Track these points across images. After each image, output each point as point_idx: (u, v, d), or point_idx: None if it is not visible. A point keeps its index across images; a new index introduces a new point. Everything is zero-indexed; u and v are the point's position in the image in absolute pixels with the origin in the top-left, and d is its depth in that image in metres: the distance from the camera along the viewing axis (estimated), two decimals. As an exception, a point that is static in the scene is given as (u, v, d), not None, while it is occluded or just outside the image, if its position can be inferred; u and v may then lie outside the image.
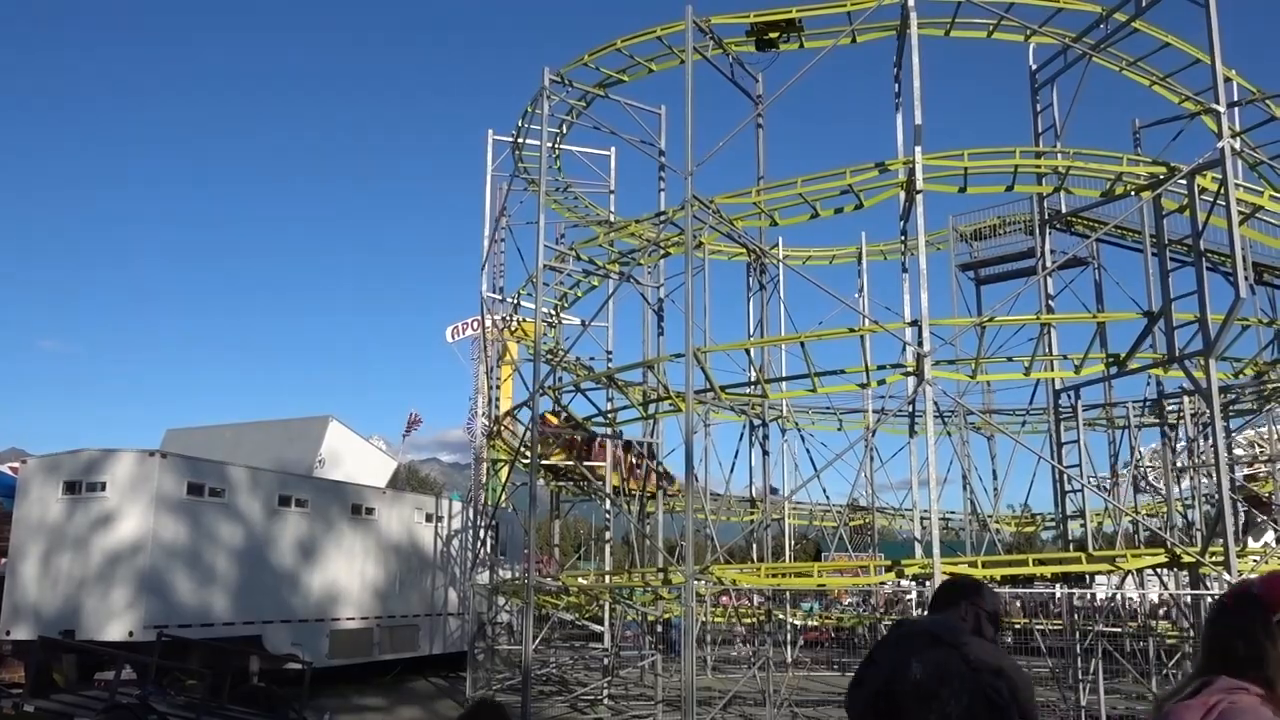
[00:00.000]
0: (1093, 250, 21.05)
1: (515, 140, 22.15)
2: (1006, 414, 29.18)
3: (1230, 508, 13.50)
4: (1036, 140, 17.97)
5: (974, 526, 26.85)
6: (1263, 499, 26.37)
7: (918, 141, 15.17)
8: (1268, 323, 19.14)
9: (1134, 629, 23.01)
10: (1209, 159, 14.08)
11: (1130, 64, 17.81)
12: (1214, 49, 14.19)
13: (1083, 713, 15.84)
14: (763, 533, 20.66)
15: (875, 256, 29.78)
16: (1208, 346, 13.58)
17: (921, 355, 14.40)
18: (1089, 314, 17.03)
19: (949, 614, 3.61)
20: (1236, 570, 12.79)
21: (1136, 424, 21.87)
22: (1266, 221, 15.51)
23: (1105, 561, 14.76)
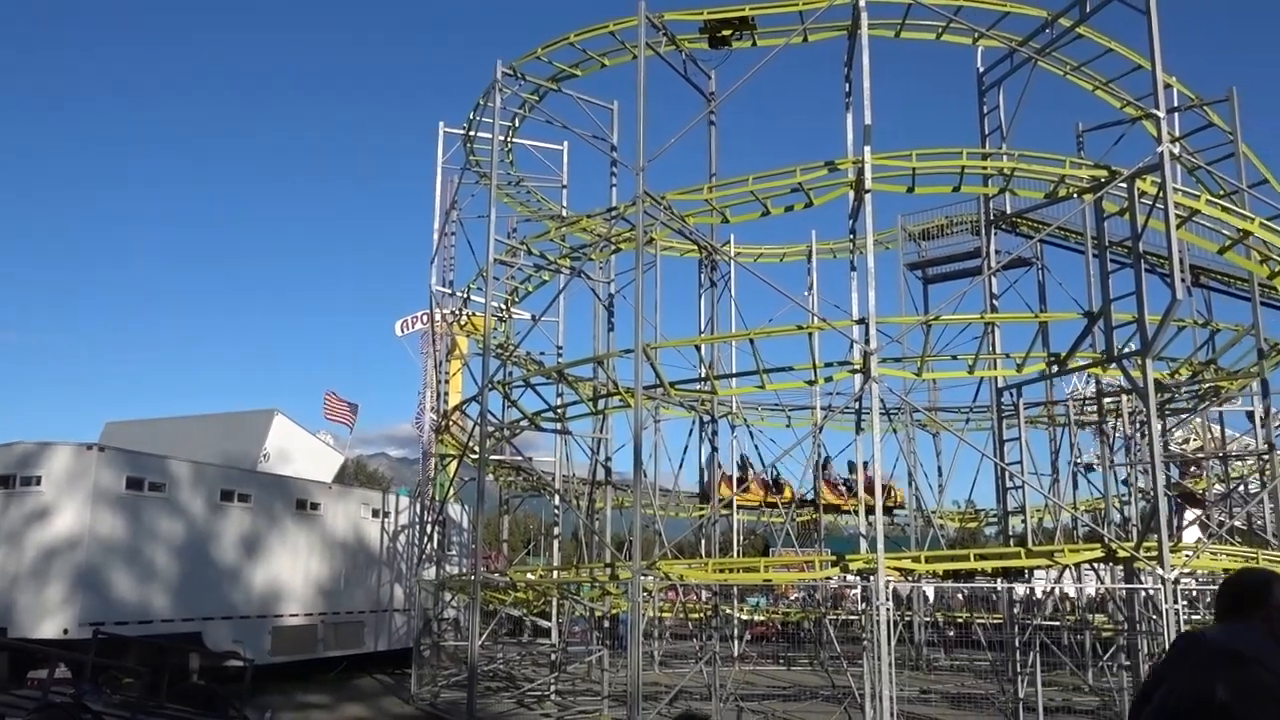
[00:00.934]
0: (1037, 251, 21.47)
1: (467, 133, 22.01)
2: (951, 411, 29.64)
3: (1164, 504, 13.83)
4: (983, 142, 18.24)
5: (919, 522, 27.25)
6: (1197, 495, 27.07)
7: (867, 141, 15.32)
8: (1203, 324, 19.63)
9: (1072, 622, 23.50)
10: (1148, 163, 14.39)
11: (1074, 69, 18.15)
12: (1154, 56, 14.51)
13: (1020, 704, 16.14)
14: (711, 528, 20.75)
15: (825, 255, 30.04)
16: (1145, 346, 13.89)
17: (868, 353, 14.55)
18: (1032, 314, 17.35)
19: (1243, 624, 3.38)
20: (1169, 564, 13.12)
21: (1076, 422, 22.36)
22: (1203, 225, 15.87)
23: (1044, 556, 15.05)
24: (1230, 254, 16.21)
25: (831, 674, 20.37)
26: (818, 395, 25.68)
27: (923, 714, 17.95)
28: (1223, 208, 15.91)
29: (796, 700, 20.36)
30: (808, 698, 20.44)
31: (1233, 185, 18.04)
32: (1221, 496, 23.27)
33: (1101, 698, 18.38)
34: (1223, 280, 20.85)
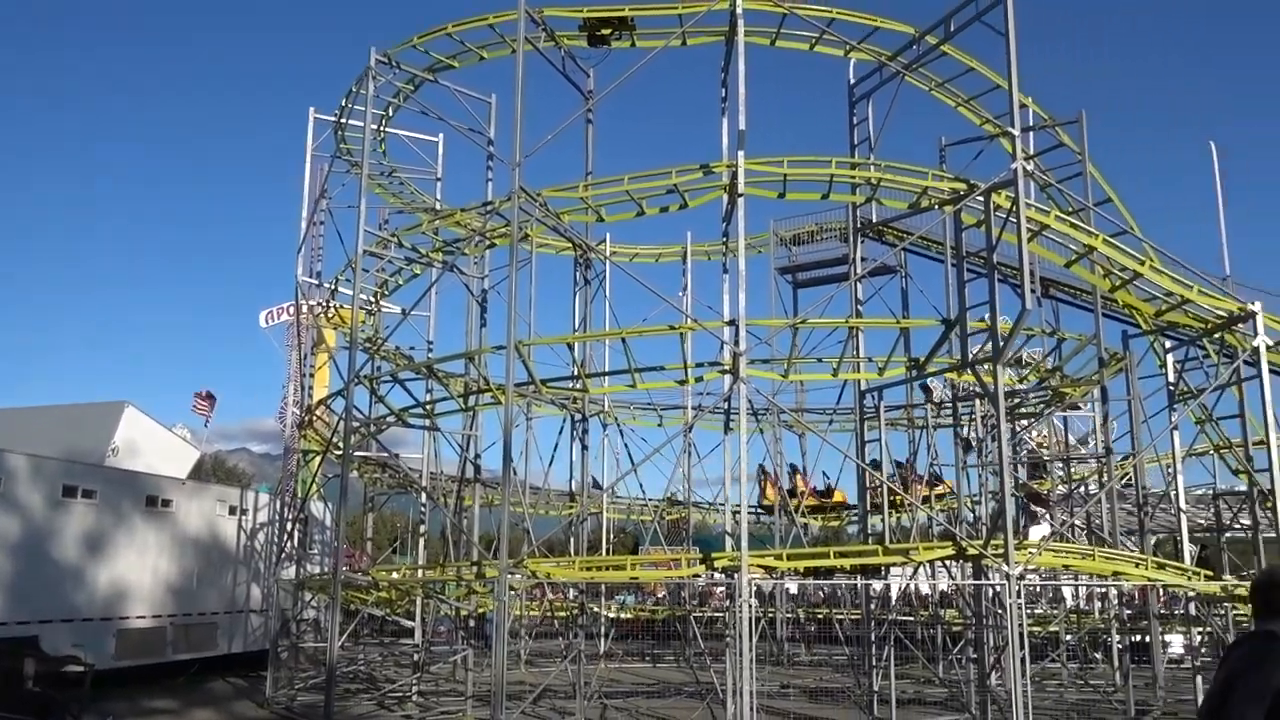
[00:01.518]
0: (901, 259, 22.23)
1: (338, 120, 21.40)
2: (817, 412, 30.44)
3: (1011, 504, 14.50)
4: (852, 152, 18.77)
5: (784, 520, 27.86)
6: (1043, 496, 28.51)
7: (741, 146, 15.58)
8: (1050, 333, 20.69)
9: (925, 617, 24.44)
10: (1004, 178, 15.06)
11: (939, 85, 18.87)
12: (1011, 77, 15.20)
13: (875, 697, 16.69)
14: (580, 526, 20.75)
15: (700, 257, 30.46)
16: (996, 353, 14.54)
17: (737, 354, 14.79)
18: (894, 319, 17.91)
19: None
20: (1014, 562, 13.77)
21: (933, 424, 23.25)
22: (1052, 240, 16.70)
23: (900, 554, 15.59)
24: (1076, 267, 17.10)
25: (696, 670, 20.67)
26: (689, 395, 26.00)
27: (782, 708, 18.37)
28: (1071, 224, 16.78)
29: (661, 697, 20.56)
30: (672, 694, 20.67)
31: (1080, 203, 19.08)
32: (1064, 497, 24.56)
33: (950, 689, 19.16)
34: (1069, 292, 22.02)
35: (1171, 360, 19.09)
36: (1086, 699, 19.42)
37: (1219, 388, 18.07)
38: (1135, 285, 16.83)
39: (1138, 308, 17.55)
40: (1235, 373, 17.18)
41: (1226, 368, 17.60)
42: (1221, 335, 17.09)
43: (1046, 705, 18.96)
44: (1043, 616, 26.72)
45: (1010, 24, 14.86)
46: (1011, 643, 13.70)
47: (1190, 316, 17.10)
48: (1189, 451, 23.38)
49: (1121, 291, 17.12)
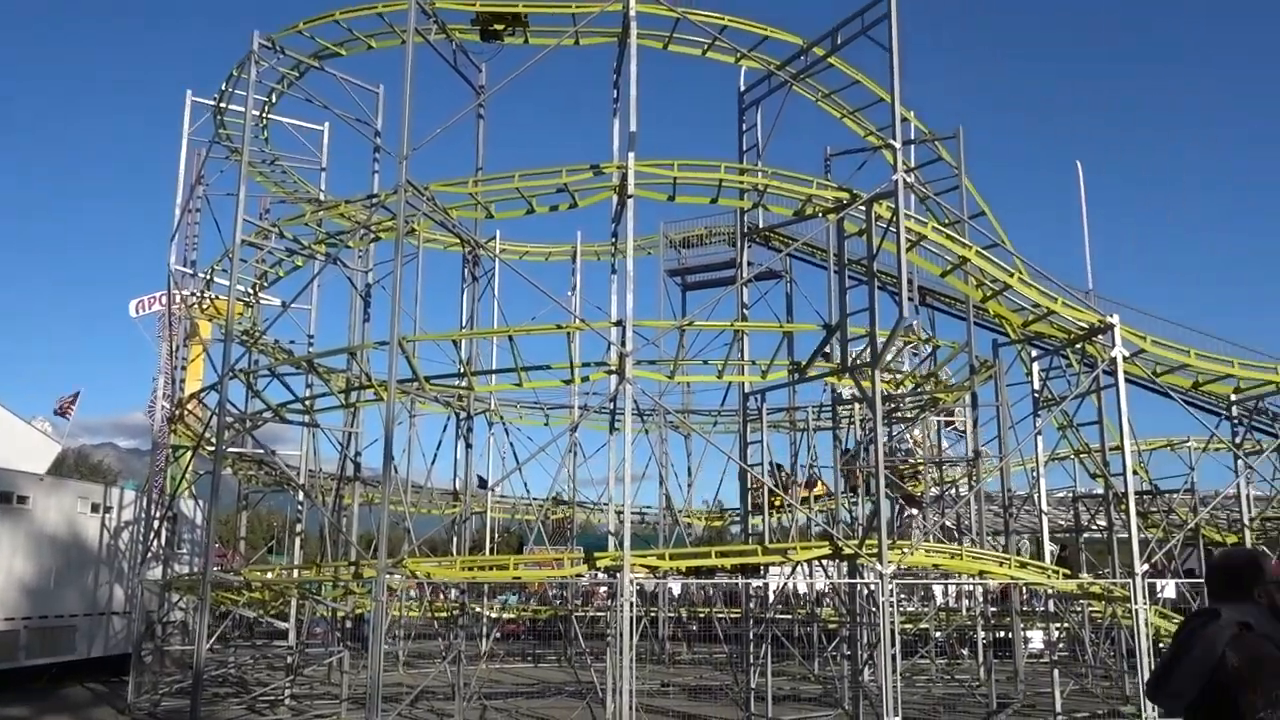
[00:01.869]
0: (786, 264, 22.66)
1: (217, 105, 20.65)
2: (702, 414, 30.81)
3: (885, 505, 14.96)
4: (741, 157, 19.06)
5: (667, 520, 28.12)
6: (916, 497, 29.44)
7: (631, 148, 15.67)
8: (926, 340, 21.41)
9: (802, 615, 25.01)
10: (885, 189, 15.53)
11: (825, 96, 19.33)
12: (894, 91, 15.69)
13: (752, 694, 16.99)
14: (463, 526, 20.52)
15: (590, 257, 30.47)
16: (874, 359, 14.98)
17: (624, 355, 14.86)
18: (778, 324, 18.27)
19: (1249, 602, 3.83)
20: (887, 561, 14.21)
21: (814, 427, 23.81)
22: (930, 250, 17.30)
23: (778, 553, 15.92)
24: (951, 278, 17.74)
25: (577, 670, 20.66)
26: (575, 395, 25.97)
27: (662, 706, 18.53)
28: (947, 235, 17.42)
29: (542, 697, 20.50)
30: (553, 694, 20.63)
31: (956, 215, 19.80)
32: (936, 498, 25.46)
33: (825, 685, 19.64)
34: (944, 301, 22.81)
35: (1037, 369, 19.99)
36: (953, 693, 20.17)
37: (1080, 396, 19.01)
38: (1005, 296, 17.57)
39: (1007, 318, 18.30)
40: (1095, 381, 18.09)
41: (1087, 377, 18.53)
42: (1083, 345, 17.97)
43: (915, 700, 19.61)
44: (914, 614, 27.63)
45: (894, 40, 15.33)
46: (883, 639, 14.13)
47: (1055, 327, 17.94)
48: (1051, 456, 24.54)
49: (992, 302, 17.84)
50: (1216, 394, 19.87)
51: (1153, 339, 17.71)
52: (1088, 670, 21.22)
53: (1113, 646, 20.30)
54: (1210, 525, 28.19)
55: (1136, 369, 18.04)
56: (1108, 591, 16.84)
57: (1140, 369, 18.16)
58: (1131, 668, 16.77)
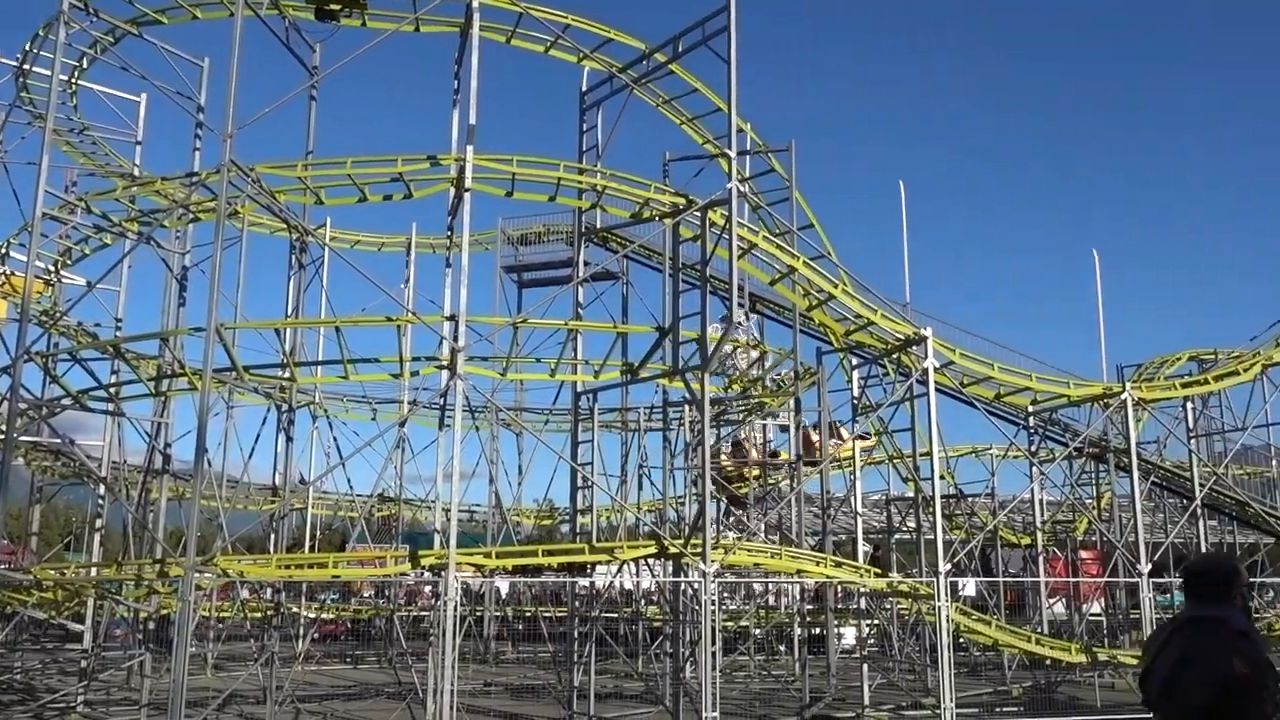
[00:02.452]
0: (623, 266, 22.86)
1: (20, 66, 19.10)
2: (535, 412, 30.71)
3: (710, 505, 15.30)
4: (581, 157, 19.10)
5: (496, 519, 27.88)
6: (741, 498, 30.26)
7: (470, 140, 15.45)
8: (754, 345, 22.04)
9: (628, 614, 25.29)
10: (719, 197, 15.89)
11: (665, 102, 19.62)
12: (731, 101, 16.07)
13: (575, 692, 17.04)
14: (281, 522, 19.72)
15: (425, 249, 29.86)
16: (704, 362, 15.30)
17: (456, 350, 14.64)
18: (612, 324, 18.40)
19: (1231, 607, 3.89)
20: (710, 559, 14.54)
21: (645, 428, 24.12)
22: (760, 258, 17.83)
23: (605, 552, 16.04)
24: (779, 286, 18.34)
25: (398, 670, 20.20)
26: (405, 389, 25.39)
27: (484, 706, 18.36)
28: (777, 245, 18.00)
29: (360, 699, 19.95)
30: (372, 695, 20.12)
31: (786, 226, 20.47)
32: (759, 499, 26.25)
33: (647, 683, 19.92)
34: (773, 309, 23.53)
35: (856, 376, 20.91)
36: (769, 688, 20.85)
37: (894, 403, 19.99)
38: (829, 306, 18.30)
39: (830, 327, 19.05)
40: (909, 390, 19.06)
41: (902, 385, 19.51)
42: (899, 356, 18.91)
43: (734, 695, 20.16)
44: (736, 612, 28.42)
45: (732, 51, 15.71)
46: (704, 636, 14.45)
47: (874, 337, 18.82)
48: (867, 460, 25.71)
49: (817, 311, 18.54)
50: (1016, 405, 21.28)
51: (961, 352, 18.80)
52: (895, 664, 22.33)
53: (918, 642, 21.43)
54: (1007, 528, 30.22)
55: (946, 379, 19.12)
56: (914, 589, 17.75)
57: (949, 379, 19.25)
58: (934, 661, 17.72)
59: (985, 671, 24.43)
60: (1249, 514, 25.17)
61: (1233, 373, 22.01)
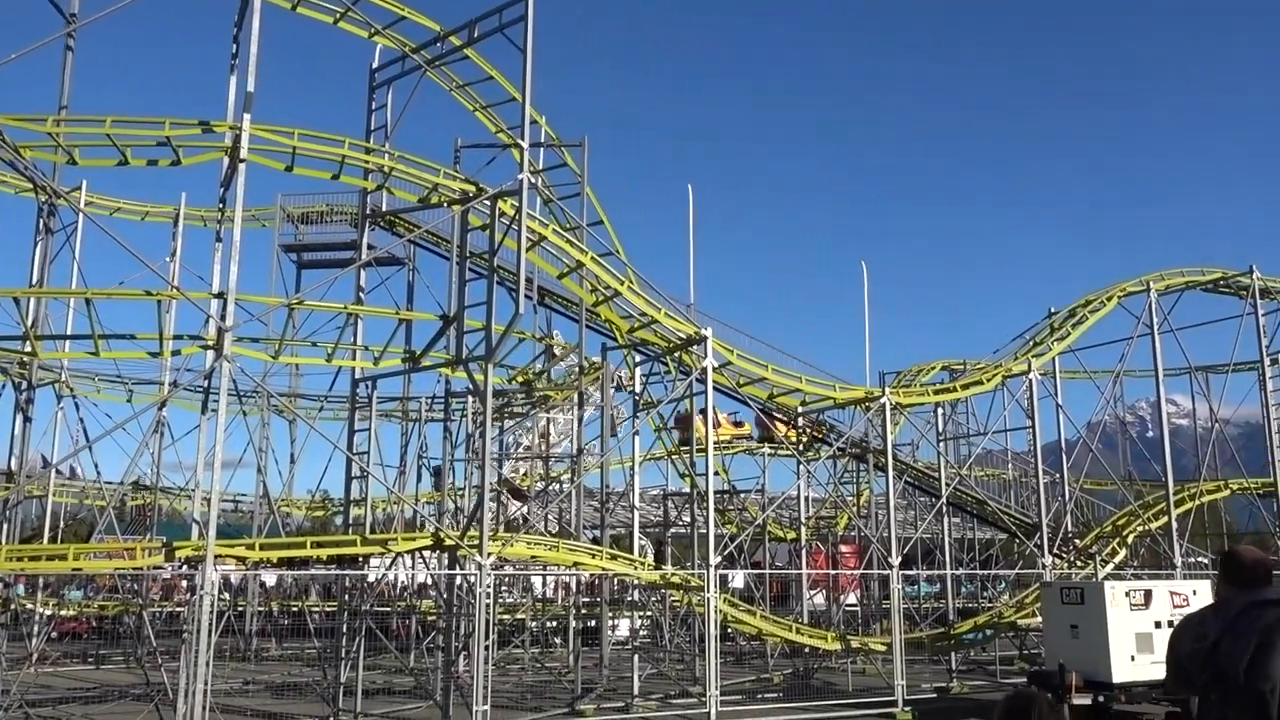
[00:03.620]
0: (409, 251, 22.30)
1: None
2: (310, 399, 29.47)
3: (489, 497, 15.17)
4: (368, 136, 18.45)
5: (264, 509, 26.56)
6: (523, 491, 30.22)
7: (248, 109, 14.62)
8: (540, 338, 22.04)
9: (401, 607, 24.73)
10: (509, 187, 15.78)
11: (459, 86, 19.27)
12: (526, 92, 15.99)
13: (342, 689, 16.48)
14: (14, 510, 17.96)
15: (194, 221, 28.03)
16: (489, 352, 15.15)
17: (224, 329, 13.81)
18: (395, 311, 17.92)
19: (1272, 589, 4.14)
20: (487, 552, 14.42)
21: (427, 418, 23.65)
22: (549, 251, 17.83)
23: (378, 544, 15.59)
24: (567, 280, 18.41)
25: (147, 670, 18.85)
26: (166, 370, 23.74)
27: (242, 705, 17.44)
28: (567, 239, 18.07)
29: (102, 701, 18.51)
30: (116, 698, 18.69)
31: (576, 221, 20.58)
32: (541, 492, 26.30)
33: (418, 678, 19.52)
34: (560, 303, 23.59)
35: (639, 373, 21.31)
36: (543, 680, 20.91)
37: (674, 400, 20.53)
38: (615, 302, 18.55)
39: (616, 323, 19.31)
40: (688, 388, 19.62)
41: (682, 383, 20.05)
42: (680, 354, 19.42)
43: (507, 688, 20.10)
44: (513, 605, 28.34)
45: (529, 41, 15.62)
46: (478, 629, 14.32)
47: (657, 335, 19.22)
48: (647, 455, 26.26)
49: (603, 307, 18.75)
50: (787, 405, 22.32)
51: (739, 353, 19.51)
52: (665, 655, 22.93)
53: (688, 632, 22.11)
54: (776, 522, 31.69)
55: (724, 379, 19.78)
56: (686, 582, 18.28)
57: (727, 379, 19.93)
58: (702, 651, 18.31)
59: (750, 660, 25.49)
60: (987, 512, 27.49)
61: (977, 382, 23.95)
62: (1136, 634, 17.18)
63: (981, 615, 23.76)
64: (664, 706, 18.18)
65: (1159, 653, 17.17)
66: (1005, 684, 21.10)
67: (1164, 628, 17.38)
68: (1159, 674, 16.97)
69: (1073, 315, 25.35)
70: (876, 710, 18.01)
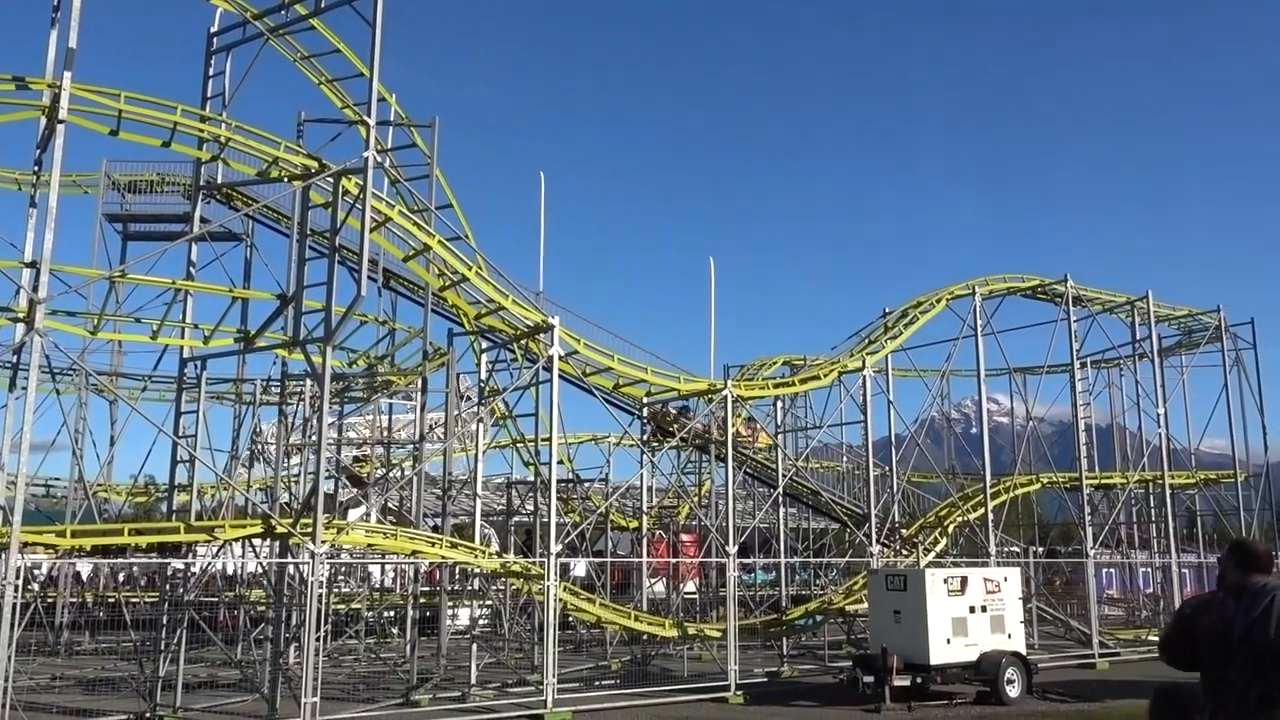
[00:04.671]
0: (247, 226, 21.38)
1: None
2: (134, 378, 27.89)
3: (323, 484, 14.70)
4: (205, 105, 17.57)
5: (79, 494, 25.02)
6: (363, 479, 29.47)
7: (69, 66, 13.70)
8: (382, 322, 21.53)
9: (229, 598, 23.75)
10: (354, 165, 15.32)
11: (304, 58, 18.61)
12: (374, 67, 15.55)
13: (161, 683, 15.70)
14: None
15: (7, 185, 26.08)
16: (328, 335, 14.69)
17: (35, 301, 12.91)
18: (227, 288, 17.16)
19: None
20: (320, 541, 13.99)
21: (262, 401, 22.76)
22: (396, 234, 17.42)
23: (204, 532, 14.91)
24: (413, 263, 18.04)
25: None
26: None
27: (48, 703, 16.36)
28: (414, 222, 17.69)
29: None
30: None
31: (424, 204, 20.18)
32: (381, 479, 25.68)
33: (244, 670, 18.81)
34: (406, 286, 23.10)
35: (485, 360, 21.09)
36: (377, 671, 20.44)
37: (520, 389, 20.43)
38: (462, 288, 18.30)
39: (463, 308, 19.06)
40: (535, 376, 19.54)
41: (529, 371, 19.96)
42: (527, 342, 19.33)
43: (340, 680, 19.58)
44: (349, 594, 27.63)
45: (378, 15, 15.22)
46: (309, 620, 13.89)
47: (505, 323, 19.07)
48: (491, 443, 26.06)
49: (450, 292, 18.47)
50: (633, 396, 22.54)
51: (586, 343, 19.56)
52: (505, 644, 22.83)
53: (529, 620, 22.07)
54: (619, 511, 31.99)
55: (570, 368, 19.82)
56: (526, 570, 18.23)
57: (573, 368, 19.97)
58: (541, 640, 18.31)
59: (589, 647, 25.65)
60: (821, 502, 28.53)
61: (815, 377, 24.81)
62: (953, 618, 18.21)
63: (813, 602, 24.64)
64: (501, 696, 18.10)
65: (973, 635, 18.29)
66: (832, 667, 21.94)
67: (978, 612, 18.51)
68: (971, 657, 18.11)
69: (905, 316, 26.54)
70: (710, 695, 18.43)
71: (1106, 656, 23.97)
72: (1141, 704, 14.14)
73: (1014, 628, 18.87)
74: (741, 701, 18.20)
